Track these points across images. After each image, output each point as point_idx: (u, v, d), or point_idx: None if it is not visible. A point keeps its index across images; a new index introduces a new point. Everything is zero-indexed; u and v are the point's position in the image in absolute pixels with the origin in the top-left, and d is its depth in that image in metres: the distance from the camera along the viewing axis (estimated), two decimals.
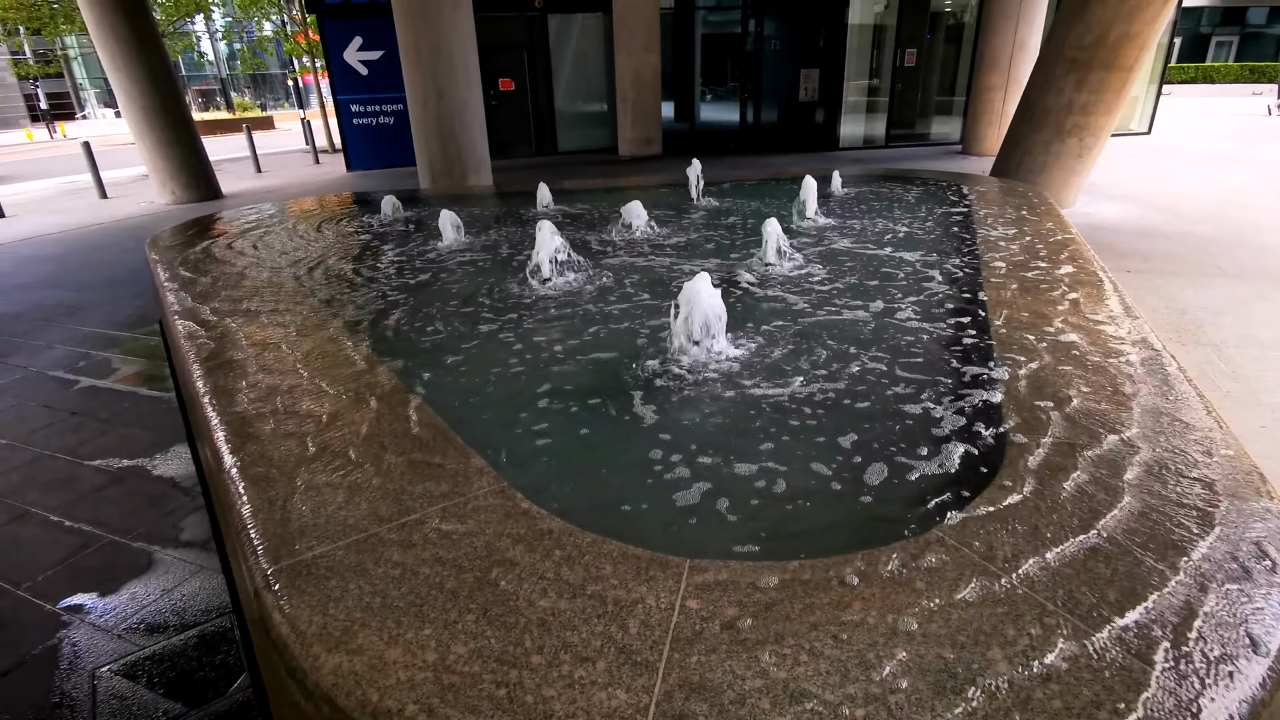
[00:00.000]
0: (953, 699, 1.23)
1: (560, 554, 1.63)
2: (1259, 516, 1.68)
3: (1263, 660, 1.30)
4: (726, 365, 2.76)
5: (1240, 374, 3.58)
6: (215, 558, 2.50)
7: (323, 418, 2.36)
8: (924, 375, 2.62)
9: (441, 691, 1.28)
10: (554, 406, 2.52)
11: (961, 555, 1.58)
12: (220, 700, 1.92)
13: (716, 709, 1.23)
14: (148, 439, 3.39)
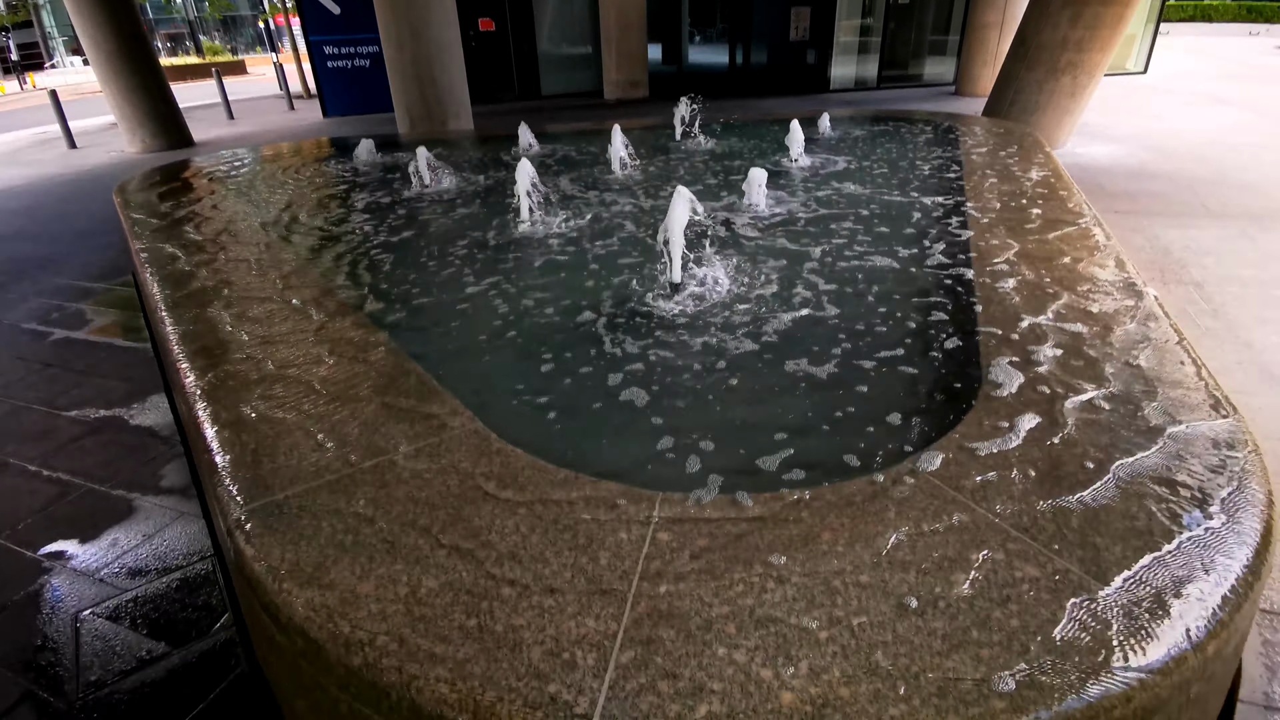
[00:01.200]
0: (914, 620, 1.26)
1: (532, 490, 1.63)
2: (1224, 446, 1.70)
3: (1222, 582, 1.33)
4: (707, 298, 2.74)
5: (1220, 312, 3.59)
6: (195, 504, 2.50)
7: (296, 363, 2.33)
8: (901, 312, 2.60)
9: (412, 623, 1.29)
10: (529, 344, 2.50)
11: (930, 486, 1.60)
12: (203, 639, 1.95)
13: (683, 635, 1.25)
14: (124, 389, 3.36)
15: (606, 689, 1.15)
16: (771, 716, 1.10)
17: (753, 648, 1.22)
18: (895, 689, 1.14)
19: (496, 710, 1.13)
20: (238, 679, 1.82)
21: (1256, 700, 1.67)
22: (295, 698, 1.47)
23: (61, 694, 1.81)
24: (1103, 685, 1.13)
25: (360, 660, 1.24)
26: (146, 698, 1.78)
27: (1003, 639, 1.21)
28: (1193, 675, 1.22)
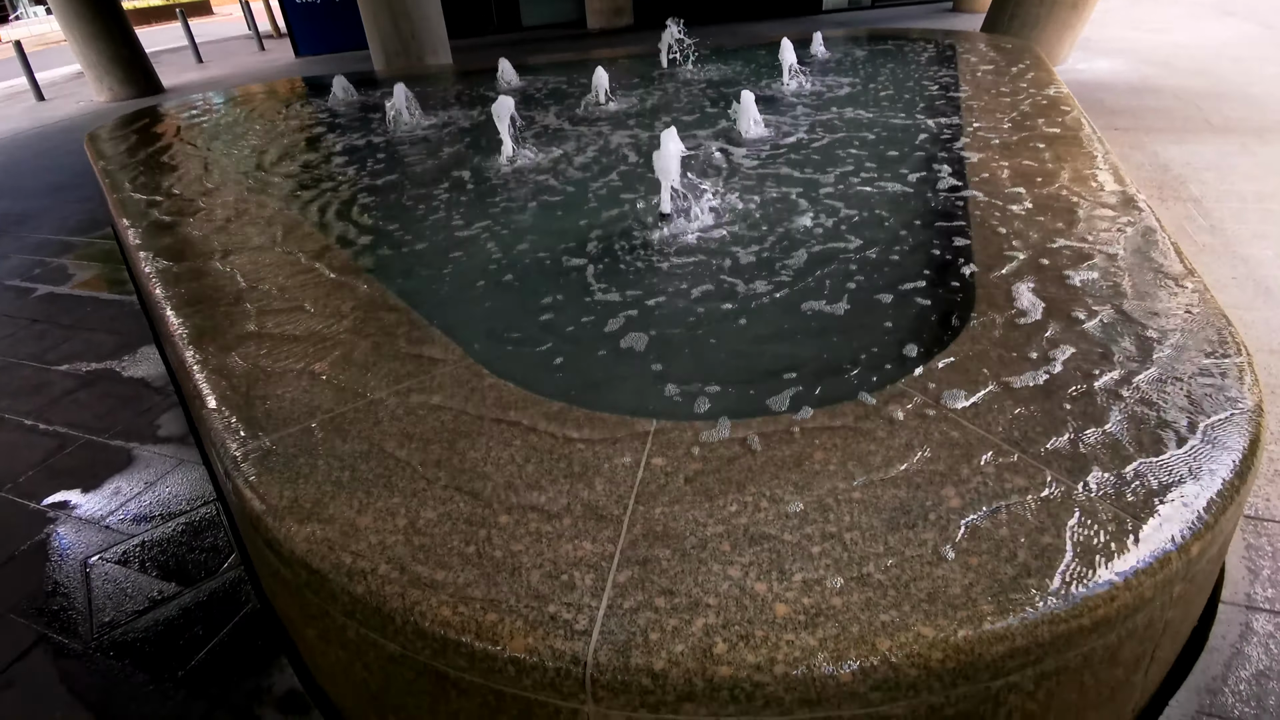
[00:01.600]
0: (906, 533, 1.28)
1: (527, 422, 1.64)
2: (1216, 356, 1.70)
3: (1209, 486, 1.34)
4: (696, 224, 2.69)
5: (1217, 228, 3.55)
6: (194, 451, 2.51)
7: (284, 307, 2.30)
8: (893, 232, 2.57)
9: (412, 552, 1.31)
10: (517, 281, 2.47)
11: (923, 404, 1.60)
12: (212, 579, 1.99)
13: (679, 554, 1.27)
14: (114, 342, 3.33)
15: (605, 607, 1.18)
16: (766, 627, 1.13)
17: (747, 564, 1.24)
18: (886, 597, 1.17)
19: (498, 630, 1.16)
20: (249, 614, 1.87)
21: (1238, 601, 1.72)
22: (305, 628, 1.50)
23: (76, 636, 1.86)
24: (1087, 586, 1.16)
25: (363, 588, 1.27)
26: (161, 635, 1.83)
27: (991, 547, 1.24)
28: (1176, 575, 1.25)
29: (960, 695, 1.13)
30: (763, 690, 1.08)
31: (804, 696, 1.09)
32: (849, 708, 1.11)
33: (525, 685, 1.16)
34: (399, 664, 1.28)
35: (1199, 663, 1.58)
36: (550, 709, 1.17)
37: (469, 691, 1.22)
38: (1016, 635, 1.12)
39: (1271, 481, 2.04)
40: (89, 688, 1.72)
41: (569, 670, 1.12)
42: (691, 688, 1.09)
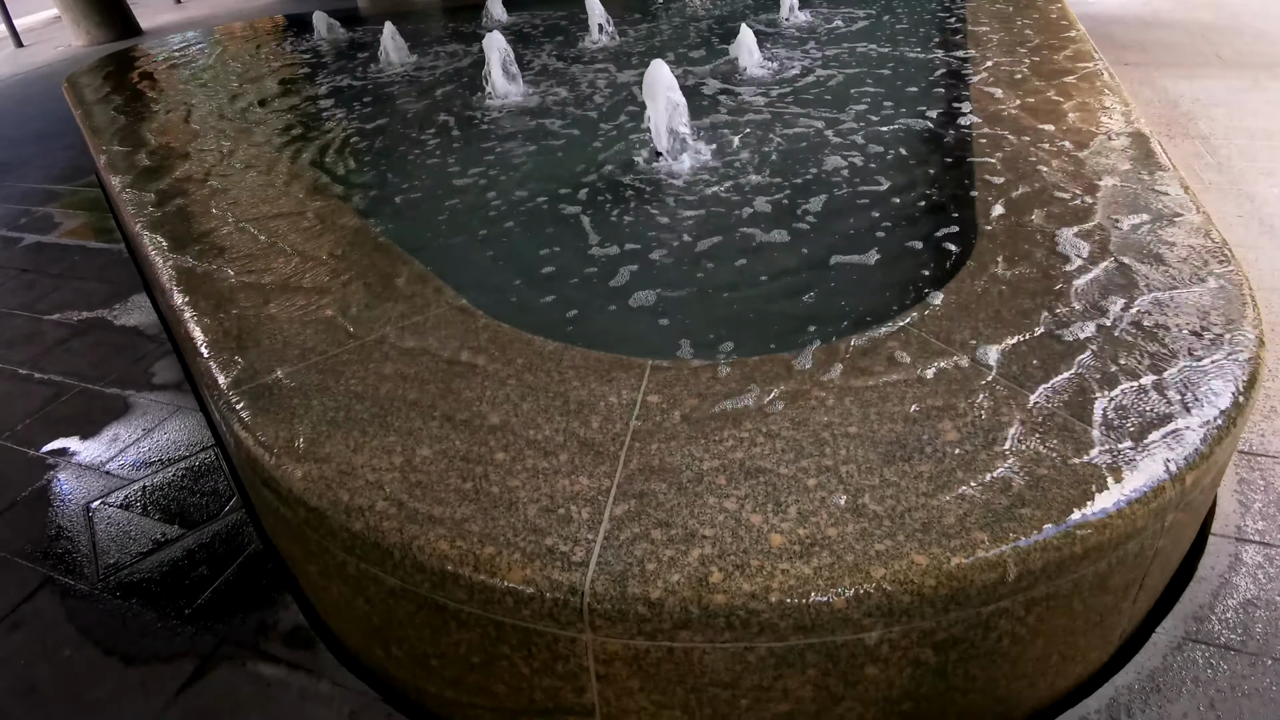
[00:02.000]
0: (902, 466, 1.28)
1: (522, 361, 1.62)
2: (1219, 290, 1.68)
3: (1206, 417, 1.34)
4: (691, 162, 2.63)
5: (1225, 165, 3.48)
6: (191, 398, 2.51)
7: (274, 251, 2.26)
8: (895, 166, 2.51)
9: (409, 488, 1.32)
10: (511, 222, 2.42)
11: (922, 341, 1.59)
12: (214, 521, 2.00)
13: (675, 487, 1.27)
14: (105, 291, 3.29)
15: (601, 539, 1.19)
16: (761, 557, 1.14)
17: (743, 496, 1.24)
18: (881, 527, 1.17)
19: (496, 563, 1.17)
20: (252, 555, 1.89)
21: (1229, 533, 1.74)
22: (307, 565, 1.52)
23: (82, 577, 1.88)
24: (1081, 515, 1.17)
25: (361, 525, 1.27)
26: (167, 575, 1.86)
27: (987, 479, 1.24)
28: (1170, 504, 1.26)
29: (951, 620, 1.15)
30: (757, 617, 1.10)
31: (798, 623, 1.11)
32: (842, 633, 1.13)
33: (524, 615, 1.17)
34: (399, 598, 1.30)
35: (1187, 591, 1.61)
36: (549, 638, 1.19)
37: (469, 623, 1.24)
38: (1008, 562, 1.13)
39: (1267, 418, 2.04)
40: (97, 625, 1.75)
41: (567, 600, 1.14)
42: (687, 616, 1.11)
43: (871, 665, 1.18)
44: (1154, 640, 1.52)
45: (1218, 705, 1.41)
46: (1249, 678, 1.45)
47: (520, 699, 1.31)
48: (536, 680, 1.26)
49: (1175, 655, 1.50)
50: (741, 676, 1.17)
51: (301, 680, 1.58)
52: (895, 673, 1.20)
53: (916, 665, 1.20)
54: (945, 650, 1.19)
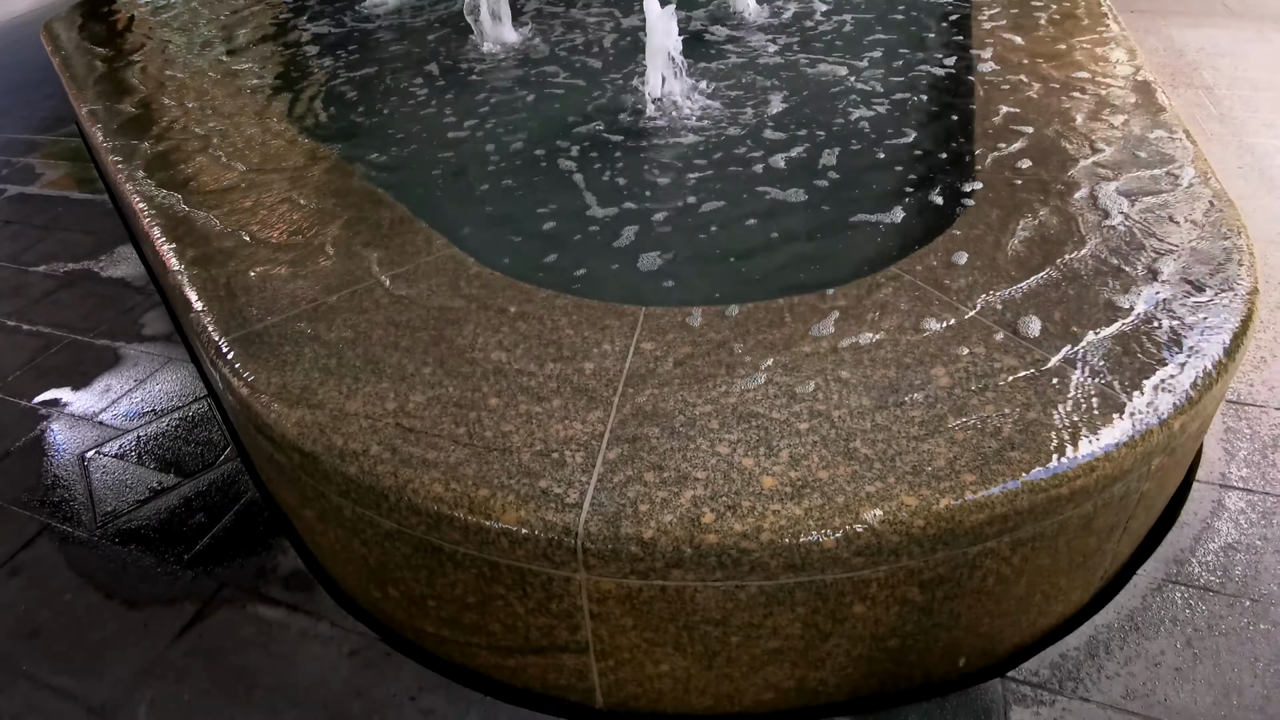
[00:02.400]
0: (894, 410, 1.29)
1: (515, 309, 1.61)
2: (1216, 239, 1.67)
3: (1198, 363, 1.35)
4: (687, 105, 2.58)
5: (1227, 116, 3.43)
6: (182, 349, 2.49)
7: (261, 200, 2.22)
8: (897, 114, 2.46)
9: (403, 434, 1.32)
10: (499, 169, 2.38)
11: (916, 288, 1.58)
12: (210, 470, 2.01)
13: (668, 431, 1.28)
14: (90, 242, 3.24)
15: (595, 482, 1.20)
16: (753, 498, 1.15)
17: (735, 440, 1.25)
18: (872, 470, 1.18)
19: (490, 505, 1.18)
20: (249, 503, 1.90)
21: (1213, 480, 1.77)
22: (303, 510, 1.53)
23: (80, 525, 1.90)
24: (1068, 458, 1.18)
25: (356, 469, 1.28)
26: (165, 523, 1.87)
27: (978, 423, 1.25)
28: (1156, 449, 1.27)
29: (939, 560, 1.18)
30: (749, 556, 1.12)
31: (788, 562, 1.13)
32: (832, 572, 1.15)
33: (518, 556, 1.19)
34: (395, 540, 1.31)
35: (1169, 535, 1.64)
36: (543, 578, 1.21)
37: (464, 564, 1.26)
38: (996, 504, 1.15)
39: (1257, 368, 2.06)
40: (96, 570, 1.77)
41: (561, 540, 1.15)
42: (680, 555, 1.12)
43: (859, 603, 1.21)
44: (1135, 582, 1.55)
45: (1194, 643, 1.45)
46: (1226, 617, 1.49)
47: (516, 637, 1.34)
48: (531, 619, 1.29)
49: (1155, 596, 1.54)
50: (732, 614, 1.20)
51: (301, 621, 1.61)
52: (882, 611, 1.23)
53: (903, 604, 1.23)
54: (932, 589, 1.22)
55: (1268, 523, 1.67)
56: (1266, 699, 1.36)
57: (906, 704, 1.38)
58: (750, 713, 1.39)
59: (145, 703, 1.50)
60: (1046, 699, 1.38)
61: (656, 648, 1.26)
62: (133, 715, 1.48)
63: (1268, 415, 1.92)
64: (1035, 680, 1.40)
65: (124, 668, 1.57)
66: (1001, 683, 1.40)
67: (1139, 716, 1.35)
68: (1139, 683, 1.40)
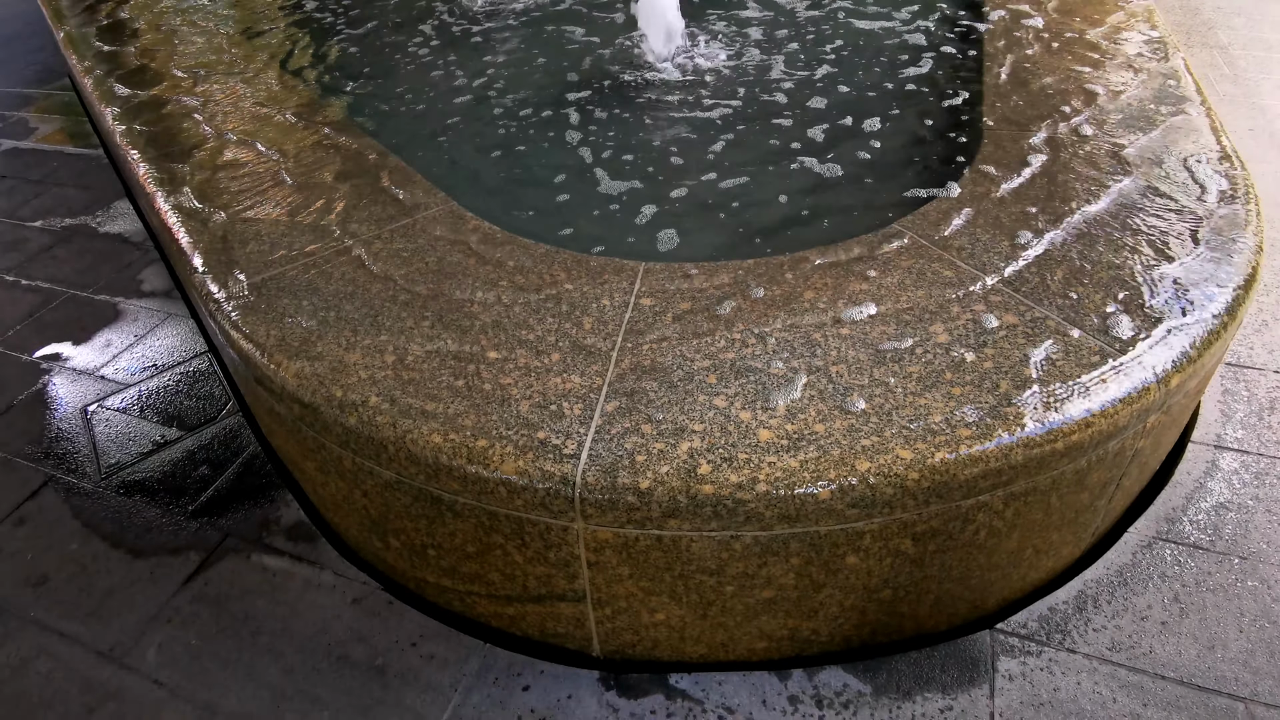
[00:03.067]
0: (892, 366, 1.29)
1: (513, 264, 1.60)
2: (1223, 198, 1.65)
3: (1197, 320, 1.34)
4: (689, 63, 2.53)
5: (1240, 77, 3.37)
6: (181, 305, 2.49)
7: (259, 154, 2.19)
8: (901, 70, 2.42)
9: (402, 385, 1.32)
10: (500, 122, 2.35)
11: (918, 246, 1.57)
12: (212, 424, 2.03)
13: (666, 385, 1.28)
14: (86, 197, 3.21)
15: (593, 433, 1.21)
16: (749, 450, 1.16)
17: (733, 394, 1.26)
18: (868, 424, 1.19)
19: (489, 455, 1.19)
20: (252, 456, 1.92)
21: (1208, 441, 1.78)
22: (304, 462, 1.55)
23: (85, 476, 1.92)
24: (1064, 414, 1.19)
25: (355, 419, 1.29)
26: (169, 475, 1.89)
27: (975, 379, 1.25)
28: (1153, 405, 1.28)
29: (932, 513, 1.19)
30: (744, 507, 1.13)
31: (783, 513, 1.14)
32: (826, 523, 1.16)
33: (517, 505, 1.21)
34: (395, 490, 1.33)
35: (1162, 494, 1.66)
36: (542, 526, 1.22)
37: (463, 513, 1.28)
38: (990, 458, 1.16)
39: (1258, 331, 2.05)
40: (102, 521, 1.80)
41: (559, 490, 1.16)
42: (676, 505, 1.14)
43: (853, 555, 1.23)
44: (1125, 539, 1.58)
45: (1181, 598, 1.48)
46: (1214, 574, 1.52)
47: (514, 586, 1.36)
48: (530, 568, 1.31)
49: (1145, 553, 1.56)
50: (727, 564, 1.21)
51: (305, 571, 1.64)
52: (875, 562, 1.24)
53: (896, 555, 1.24)
54: (924, 541, 1.23)
55: (1260, 483, 1.68)
56: (1250, 653, 1.39)
57: (896, 653, 1.42)
58: (744, 661, 1.42)
59: (153, 646, 1.53)
60: (1033, 650, 1.41)
61: (652, 596, 1.29)
62: (141, 658, 1.52)
63: (1266, 378, 1.92)
64: (1023, 632, 1.43)
65: (131, 614, 1.60)
66: (990, 634, 1.43)
67: (1124, 668, 1.38)
68: (1125, 635, 1.42)
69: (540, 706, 1.38)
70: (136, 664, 1.51)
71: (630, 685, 1.40)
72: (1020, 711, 1.32)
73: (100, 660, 1.53)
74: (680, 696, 1.38)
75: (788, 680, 1.39)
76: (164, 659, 1.51)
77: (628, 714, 1.36)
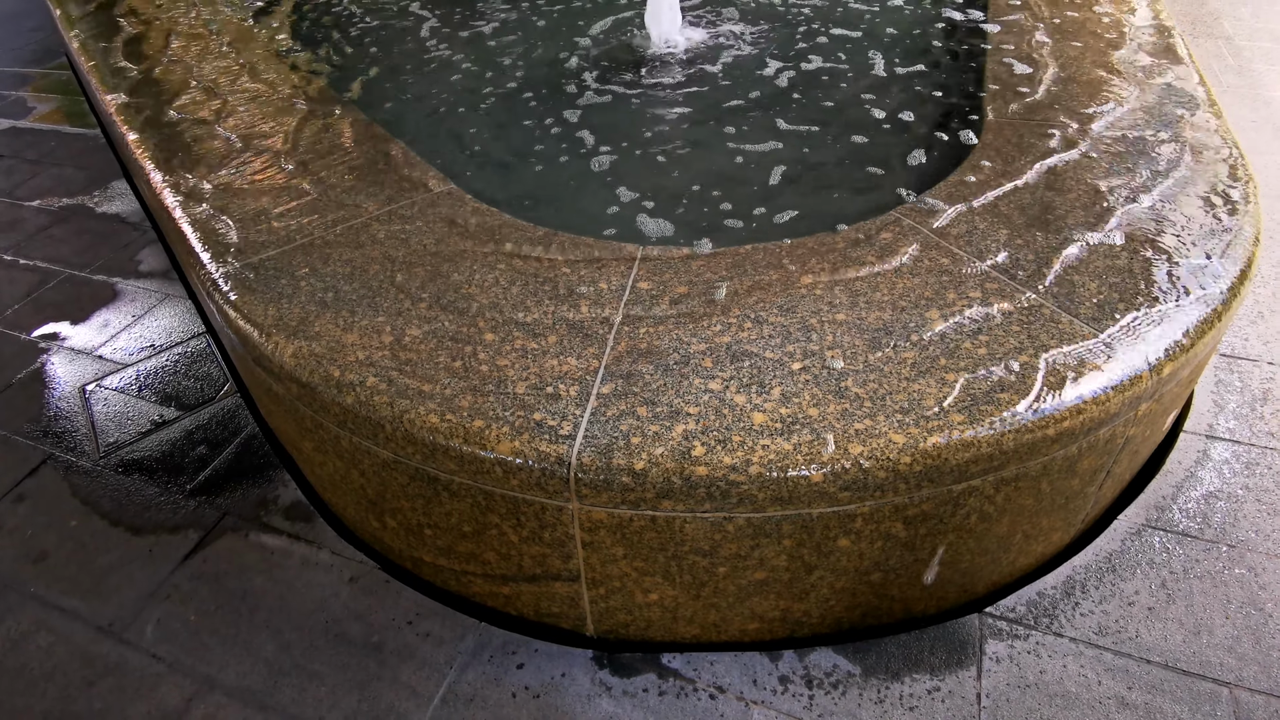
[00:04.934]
0: (887, 352, 1.30)
1: (511, 246, 1.61)
2: (1223, 188, 1.65)
3: (1192, 309, 1.35)
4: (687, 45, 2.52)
5: (1245, 69, 3.35)
6: (179, 286, 2.49)
7: (256, 133, 2.19)
8: (905, 54, 2.41)
9: (399, 366, 1.33)
10: (501, 105, 2.34)
11: (917, 232, 1.57)
12: (210, 404, 2.04)
13: (661, 368, 1.29)
14: (83, 177, 3.20)
15: (589, 415, 1.22)
16: (743, 433, 1.17)
17: (728, 378, 1.27)
18: (862, 408, 1.20)
19: (485, 435, 1.20)
20: (250, 437, 1.93)
21: (1200, 431, 1.80)
22: (302, 441, 1.56)
23: (83, 454, 1.93)
24: (1057, 400, 1.20)
25: (353, 399, 1.30)
26: (167, 454, 1.90)
27: (969, 365, 1.26)
28: (1145, 393, 1.28)
29: (924, 497, 1.20)
30: (737, 488, 1.14)
31: (776, 495, 1.15)
32: (818, 506, 1.17)
33: (513, 485, 1.22)
34: (392, 470, 1.34)
35: (1153, 483, 1.67)
36: (537, 506, 1.23)
37: (459, 493, 1.29)
38: (982, 443, 1.17)
39: (1254, 322, 2.06)
40: (101, 498, 1.81)
41: (554, 470, 1.17)
42: (670, 486, 1.15)
43: (844, 537, 1.24)
44: (1115, 526, 1.59)
45: (1169, 585, 1.50)
46: (1202, 562, 1.54)
47: (510, 565, 1.38)
48: (525, 548, 1.32)
49: (1134, 540, 1.57)
50: (720, 545, 1.23)
51: (303, 550, 1.65)
52: (866, 545, 1.26)
53: (887, 538, 1.26)
54: (915, 525, 1.25)
55: (1251, 473, 1.70)
56: (1236, 639, 1.41)
57: (886, 636, 1.43)
58: (736, 642, 1.44)
59: (152, 622, 1.55)
60: (1021, 633, 1.43)
61: (646, 577, 1.30)
62: (140, 633, 1.53)
63: (1260, 369, 1.93)
64: (1011, 616, 1.45)
65: (130, 590, 1.62)
66: (979, 618, 1.45)
67: (1110, 652, 1.40)
68: (1112, 620, 1.44)
69: (534, 684, 1.40)
70: (135, 639, 1.53)
71: (623, 664, 1.42)
72: (1006, 693, 1.34)
73: (99, 635, 1.54)
74: (672, 675, 1.40)
75: (779, 661, 1.41)
76: (162, 634, 1.53)
77: (620, 692, 1.38)
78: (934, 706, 1.34)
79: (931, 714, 1.33)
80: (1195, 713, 1.31)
